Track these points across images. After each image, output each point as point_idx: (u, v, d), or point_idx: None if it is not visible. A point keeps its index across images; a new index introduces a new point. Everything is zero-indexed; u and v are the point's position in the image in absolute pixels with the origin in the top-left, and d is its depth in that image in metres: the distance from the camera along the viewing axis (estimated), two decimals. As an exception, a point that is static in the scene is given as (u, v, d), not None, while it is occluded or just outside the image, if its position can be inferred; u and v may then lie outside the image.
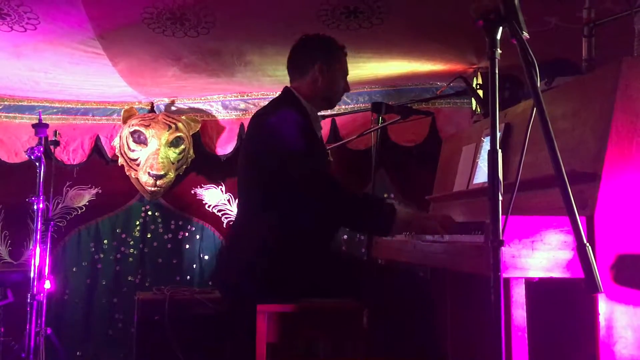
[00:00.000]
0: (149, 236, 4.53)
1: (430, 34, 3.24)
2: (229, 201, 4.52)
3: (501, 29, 1.43)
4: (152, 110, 4.51)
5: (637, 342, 1.72)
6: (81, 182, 4.51)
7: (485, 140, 2.62)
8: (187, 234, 4.54)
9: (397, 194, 4.28)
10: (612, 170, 1.78)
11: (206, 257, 4.50)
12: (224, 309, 3.24)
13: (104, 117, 4.57)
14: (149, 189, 4.38)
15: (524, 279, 1.72)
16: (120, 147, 4.41)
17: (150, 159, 4.31)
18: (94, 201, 4.52)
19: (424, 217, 2.36)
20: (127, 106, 4.46)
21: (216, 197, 4.55)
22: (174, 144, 4.35)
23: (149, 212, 4.55)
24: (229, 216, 4.49)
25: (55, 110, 4.49)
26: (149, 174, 4.31)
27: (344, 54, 2.51)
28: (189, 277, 4.48)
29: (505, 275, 1.65)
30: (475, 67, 3.72)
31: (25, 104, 4.45)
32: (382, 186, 4.23)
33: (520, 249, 1.70)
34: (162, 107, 4.52)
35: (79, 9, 2.85)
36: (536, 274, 1.71)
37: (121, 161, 4.43)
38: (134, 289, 4.30)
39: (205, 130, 4.53)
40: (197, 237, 4.54)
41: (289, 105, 2.39)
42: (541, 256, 1.71)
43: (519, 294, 1.72)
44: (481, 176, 2.56)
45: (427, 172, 3.51)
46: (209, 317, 3.57)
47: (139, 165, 4.36)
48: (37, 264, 3.39)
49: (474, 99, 3.61)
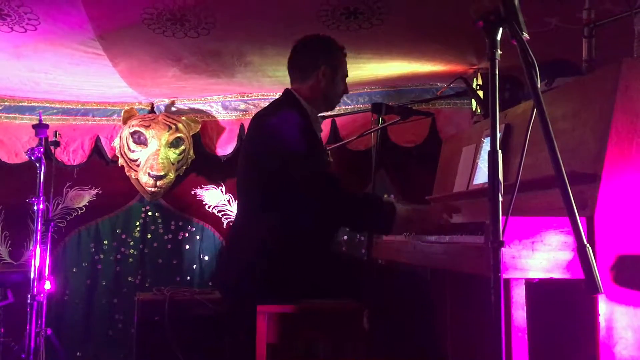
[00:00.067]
0: (149, 237, 4.53)
1: (430, 34, 3.24)
2: (229, 202, 4.52)
3: (501, 29, 1.43)
4: (152, 110, 4.51)
5: (637, 342, 1.72)
6: (81, 182, 4.51)
7: (485, 141, 2.62)
8: (187, 235, 4.54)
9: (397, 194, 4.28)
10: (612, 170, 1.78)
11: (206, 257, 4.50)
12: (224, 309, 3.24)
13: (104, 118, 4.57)
14: (149, 189, 4.39)
15: (524, 280, 1.72)
16: (120, 147, 4.42)
17: (150, 159, 4.31)
18: (94, 202, 4.52)
19: (424, 210, 2.37)
20: (127, 107, 4.46)
21: (216, 198, 4.55)
22: (174, 144, 4.35)
23: (149, 213, 4.55)
24: (229, 217, 4.49)
25: (55, 110, 4.49)
26: (149, 174, 4.31)
27: (344, 56, 2.52)
28: (189, 277, 4.48)
29: (505, 276, 1.65)
30: (475, 67, 3.72)
31: (25, 104, 4.45)
32: (382, 187, 4.22)
33: (520, 250, 1.70)
34: (162, 108, 4.52)
35: (79, 10, 2.85)
36: (536, 274, 1.71)
37: (121, 162, 4.43)
38: (134, 290, 4.30)
39: (205, 130, 4.53)
40: (197, 237, 4.54)
41: (289, 106, 2.39)
42: (541, 257, 1.71)
43: (519, 294, 1.72)
44: (481, 177, 2.56)
45: (427, 173, 3.50)
46: (209, 318, 3.56)
47: (139, 165, 4.36)
48: (37, 265, 3.39)
49: (474, 100, 3.61)
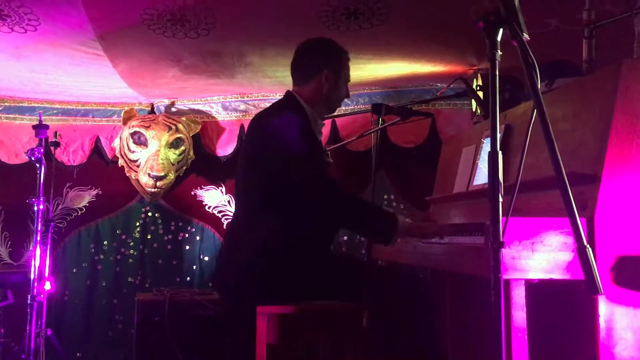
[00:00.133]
0: (149, 237, 4.53)
1: (430, 35, 3.24)
2: (229, 202, 4.52)
3: (501, 30, 1.42)
4: (152, 111, 4.50)
5: (637, 343, 1.72)
6: (81, 183, 4.51)
7: (485, 141, 2.62)
8: (187, 235, 4.54)
9: (397, 195, 4.28)
10: (612, 171, 1.78)
11: (206, 258, 4.50)
12: (224, 310, 3.23)
13: (104, 118, 4.57)
14: (149, 190, 4.38)
15: (524, 281, 1.73)
16: (120, 148, 4.41)
17: (150, 160, 4.31)
18: (94, 202, 4.52)
19: (425, 226, 2.34)
20: (127, 107, 4.46)
21: (216, 198, 4.55)
22: (174, 145, 4.35)
23: (149, 213, 4.55)
24: (229, 217, 4.48)
25: (55, 111, 4.49)
26: (149, 175, 4.31)
27: (347, 60, 2.51)
28: (189, 278, 4.47)
29: (505, 276, 1.65)
30: (475, 68, 3.72)
31: (25, 105, 4.45)
32: (382, 187, 4.22)
33: (520, 251, 1.70)
34: (162, 108, 4.52)
35: (80, 10, 2.85)
36: (536, 275, 1.71)
37: (121, 162, 4.43)
38: (134, 290, 4.30)
39: (205, 131, 4.53)
40: (197, 238, 4.53)
41: (290, 108, 2.39)
42: (541, 258, 1.71)
43: (519, 295, 1.72)
44: (481, 177, 2.56)
45: (427, 174, 3.50)
46: (209, 319, 3.57)
47: (139, 166, 4.36)
48: (37, 265, 3.39)
49: (474, 101, 3.62)
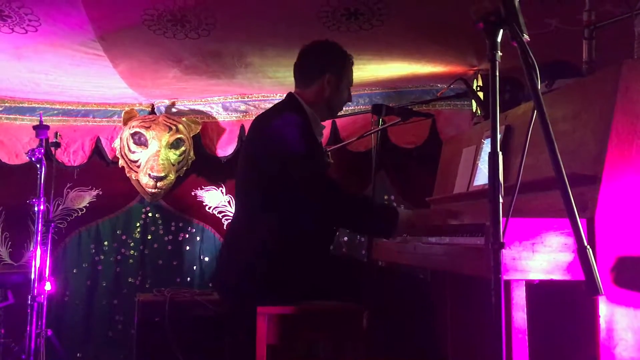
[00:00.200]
0: (149, 238, 4.53)
1: (430, 35, 3.24)
2: (229, 203, 4.52)
3: (502, 31, 1.42)
4: (152, 111, 4.51)
5: (637, 344, 1.72)
6: (82, 183, 4.51)
7: (485, 142, 2.62)
8: (187, 236, 4.55)
9: (398, 195, 4.28)
10: (612, 172, 1.78)
11: (206, 258, 4.50)
12: (224, 310, 3.23)
13: (104, 119, 4.57)
14: (150, 190, 4.38)
15: (524, 281, 1.72)
16: (120, 148, 4.42)
17: (150, 160, 4.31)
18: (94, 203, 4.52)
19: (426, 214, 2.37)
20: (128, 108, 4.46)
21: (216, 199, 4.55)
22: (175, 145, 4.35)
23: (150, 214, 4.55)
24: (229, 218, 4.48)
25: (55, 111, 4.49)
26: (150, 175, 4.31)
27: (351, 64, 2.51)
28: (189, 278, 4.47)
29: (505, 277, 1.65)
30: (475, 69, 3.72)
31: (26, 105, 4.45)
32: (382, 188, 4.22)
33: (520, 251, 1.70)
34: (163, 109, 4.52)
35: (80, 11, 2.85)
36: (537, 276, 1.71)
37: (122, 163, 4.43)
38: (134, 291, 4.30)
39: (205, 131, 4.53)
40: (198, 238, 4.54)
41: (291, 109, 2.39)
42: (542, 258, 1.71)
43: (520, 296, 1.72)
44: (481, 178, 2.56)
45: (427, 174, 3.50)
46: (209, 319, 3.57)
47: (139, 166, 4.36)
48: (37, 266, 3.39)
49: (474, 101, 3.62)
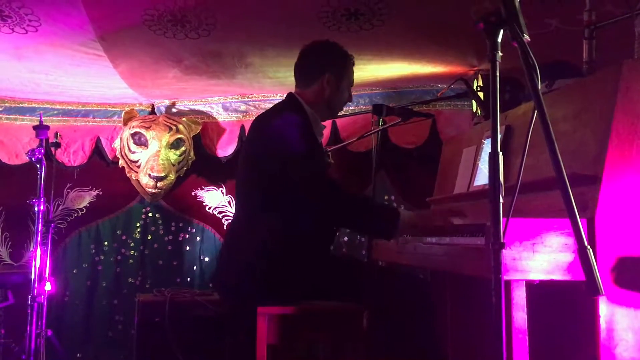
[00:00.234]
0: (150, 238, 4.53)
1: (431, 35, 3.24)
2: (229, 203, 4.52)
3: (502, 31, 1.42)
4: (152, 112, 4.50)
5: (637, 344, 1.72)
6: (82, 183, 4.51)
7: (485, 142, 2.62)
8: (187, 236, 4.54)
9: (398, 196, 4.28)
10: (612, 172, 1.78)
11: (206, 258, 4.50)
12: (225, 310, 3.23)
13: (104, 119, 4.57)
14: (150, 190, 4.38)
15: (524, 282, 1.72)
16: (120, 148, 4.41)
17: (150, 160, 4.31)
18: (94, 203, 4.52)
19: (428, 215, 2.37)
20: (128, 108, 4.46)
21: (217, 199, 4.55)
22: (175, 145, 4.35)
23: (150, 214, 4.55)
24: (230, 218, 4.48)
25: (56, 112, 4.49)
26: (150, 175, 4.31)
27: (352, 64, 2.50)
28: (189, 278, 4.47)
29: (506, 277, 1.65)
30: (475, 69, 3.72)
31: (26, 105, 4.45)
32: (382, 188, 4.22)
33: (521, 252, 1.70)
34: (163, 109, 4.52)
35: (80, 11, 2.85)
36: (537, 276, 1.71)
37: (122, 163, 4.43)
38: (134, 291, 4.30)
39: (205, 132, 4.53)
40: (198, 238, 4.54)
41: (291, 109, 2.39)
42: (542, 259, 1.71)
43: (520, 296, 1.72)
44: (482, 178, 2.56)
45: (427, 174, 3.50)
46: (209, 319, 3.56)
47: (139, 167, 4.36)
48: (37, 266, 3.39)
49: (474, 101, 3.62)
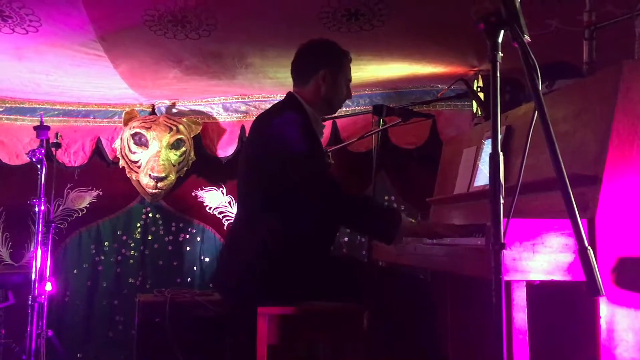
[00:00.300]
0: (150, 238, 4.53)
1: (431, 36, 3.24)
2: (229, 203, 4.52)
3: (502, 32, 1.42)
4: (153, 112, 4.50)
5: (638, 345, 1.72)
6: (82, 184, 4.51)
7: (486, 142, 2.62)
8: (187, 236, 4.55)
9: (398, 196, 4.28)
10: (613, 172, 1.78)
11: (207, 259, 4.50)
12: (225, 311, 3.24)
13: (105, 119, 4.57)
14: (150, 191, 4.39)
15: (525, 282, 1.72)
16: (121, 149, 4.42)
17: (151, 161, 4.31)
18: (94, 203, 4.52)
19: (430, 225, 2.37)
20: (128, 108, 4.46)
21: (217, 199, 4.55)
22: (175, 146, 4.35)
23: (150, 214, 4.55)
24: (230, 218, 4.49)
25: (56, 112, 4.49)
26: (150, 176, 4.31)
27: (349, 61, 2.50)
28: (189, 279, 4.48)
29: (506, 278, 1.65)
30: (476, 69, 3.72)
31: (26, 106, 4.45)
32: (382, 188, 4.23)
33: (521, 252, 1.70)
34: (163, 109, 4.52)
35: (81, 11, 2.85)
36: (537, 276, 1.71)
37: (122, 163, 4.43)
38: (134, 291, 4.30)
39: (206, 132, 4.54)
40: (198, 239, 4.54)
41: (291, 108, 2.39)
42: (542, 259, 1.71)
43: (520, 296, 1.72)
44: (482, 179, 2.56)
45: (427, 175, 3.50)
46: (209, 319, 3.56)
47: (139, 167, 4.36)
48: (38, 266, 3.39)
49: (474, 102, 3.62)
